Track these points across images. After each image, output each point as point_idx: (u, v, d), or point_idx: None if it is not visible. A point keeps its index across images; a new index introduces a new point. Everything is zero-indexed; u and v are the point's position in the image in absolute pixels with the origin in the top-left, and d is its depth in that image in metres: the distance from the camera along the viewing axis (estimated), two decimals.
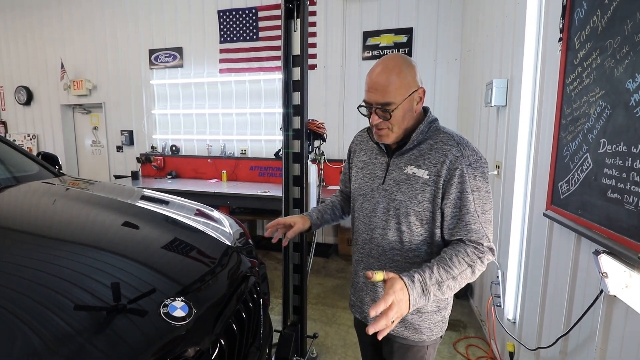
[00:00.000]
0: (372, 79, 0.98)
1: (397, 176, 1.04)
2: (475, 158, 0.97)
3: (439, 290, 0.89)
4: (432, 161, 0.99)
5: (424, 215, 1.00)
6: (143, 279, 0.94)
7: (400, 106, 0.98)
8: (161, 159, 4.84)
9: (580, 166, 1.26)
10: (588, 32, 1.25)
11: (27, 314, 0.71)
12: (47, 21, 5.36)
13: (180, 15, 4.66)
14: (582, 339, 1.31)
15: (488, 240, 0.97)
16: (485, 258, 0.96)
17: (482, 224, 0.96)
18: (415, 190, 1.00)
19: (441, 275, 0.90)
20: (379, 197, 1.07)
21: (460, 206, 0.96)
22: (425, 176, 0.99)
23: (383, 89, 0.96)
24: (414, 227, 1.02)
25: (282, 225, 1.18)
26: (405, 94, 0.97)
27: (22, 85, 5.66)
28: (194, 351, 0.82)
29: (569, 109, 1.37)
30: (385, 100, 0.97)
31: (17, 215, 1.23)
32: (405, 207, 1.01)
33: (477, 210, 0.96)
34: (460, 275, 0.92)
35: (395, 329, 1.09)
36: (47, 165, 1.84)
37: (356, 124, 4.09)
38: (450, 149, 0.97)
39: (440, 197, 0.98)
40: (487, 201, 0.98)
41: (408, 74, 0.98)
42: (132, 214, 1.39)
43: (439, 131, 1.03)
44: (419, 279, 0.88)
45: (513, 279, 2.04)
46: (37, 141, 5.79)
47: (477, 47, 3.03)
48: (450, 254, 0.94)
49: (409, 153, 1.04)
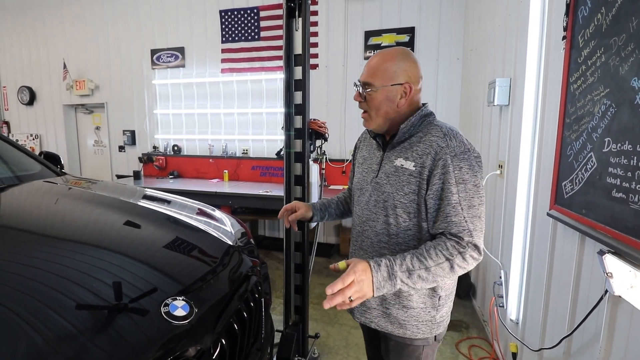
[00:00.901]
0: (370, 60, 1.05)
1: (388, 169, 1.05)
2: (463, 150, 0.94)
3: (409, 279, 0.88)
4: (419, 152, 0.99)
5: (410, 208, 1.00)
6: (144, 278, 0.94)
7: (378, 91, 1.01)
8: (163, 158, 4.84)
9: (585, 165, 1.25)
10: (592, 30, 1.24)
11: (29, 313, 0.71)
12: (49, 22, 5.37)
13: (182, 15, 4.66)
14: (586, 340, 1.30)
15: (470, 235, 0.92)
16: (468, 254, 0.91)
17: (466, 217, 0.92)
18: (402, 182, 1.00)
19: (413, 264, 0.89)
20: (371, 190, 1.09)
21: (442, 197, 0.94)
22: (412, 167, 0.99)
23: (371, 70, 1.02)
24: (400, 220, 1.02)
25: (288, 210, 1.27)
26: (386, 82, 1.00)
27: (25, 85, 5.68)
28: (195, 350, 0.82)
29: (573, 107, 1.36)
30: (367, 79, 1.03)
31: (20, 214, 1.23)
32: (393, 199, 1.02)
33: (462, 203, 0.93)
34: (436, 267, 0.89)
35: (380, 323, 1.10)
36: (49, 165, 1.84)
37: (358, 123, 4.08)
38: (436, 139, 0.97)
39: (425, 188, 0.97)
40: (476, 195, 0.94)
41: (399, 66, 1.00)
42: (134, 213, 1.39)
43: (431, 124, 1.03)
44: (387, 263, 0.88)
45: (516, 279, 2.03)
46: (39, 141, 5.81)
47: (480, 46, 3.02)
48: (429, 246, 0.92)
49: (400, 146, 1.05)
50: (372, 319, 1.12)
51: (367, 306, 1.11)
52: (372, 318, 1.11)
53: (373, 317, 1.11)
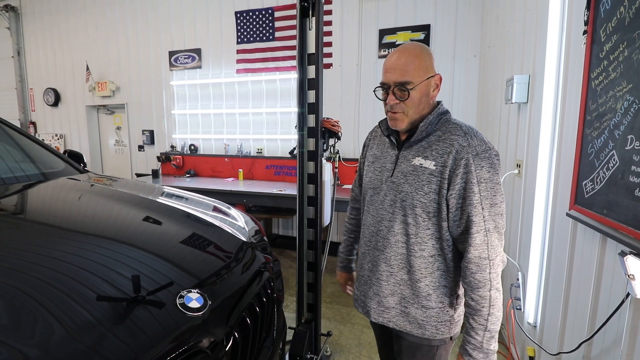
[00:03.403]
0: (391, 61, 1.00)
1: (405, 168, 1.03)
2: (484, 148, 0.95)
3: (492, 338, 0.97)
4: (439, 152, 0.97)
5: (430, 207, 0.99)
6: (161, 271, 0.97)
7: (418, 87, 0.98)
8: (180, 157, 4.96)
9: (606, 164, 1.21)
10: (615, 23, 1.19)
11: (53, 303, 0.75)
12: (74, 27, 5.59)
13: (198, 17, 4.76)
14: (607, 344, 1.26)
15: (486, 250, 0.95)
16: (497, 272, 0.97)
17: (486, 217, 0.94)
18: (421, 181, 0.99)
19: (482, 324, 0.97)
20: (387, 190, 1.07)
21: (464, 197, 0.94)
22: (432, 167, 0.98)
23: (402, 68, 0.97)
24: (420, 220, 1.01)
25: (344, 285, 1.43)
26: (423, 76, 0.98)
27: (50, 87, 5.93)
28: (208, 342, 0.84)
29: (594, 104, 1.32)
30: (405, 79, 0.97)
31: (45, 210, 1.29)
32: (412, 199, 1.00)
33: (483, 202, 0.93)
34: (491, 308, 0.96)
35: (398, 322, 1.09)
36: (72, 163, 1.92)
37: (372, 122, 4.06)
38: (457, 138, 0.96)
39: (446, 188, 0.96)
40: (497, 193, 0.95)
41: (427, 58, 0.99)
42: (152, 210, 1.43)
43: (449, 122, 1.02)
44: (474, 345, 0.97)
45: (534, 281, 1.98)
46: (64, 140, 6.05)
47: (498, 42, 2.95)
48: (469, 298, 0.99)
49: (417, 145, 1.03)
50: (390, 318, 1.10)
51: (386, 306, 1.10)
52: (390, 317, 1.10)
53: (391, 316, 1.10)
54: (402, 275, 1.06)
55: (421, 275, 1.03)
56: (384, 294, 1.09)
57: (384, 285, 1.09)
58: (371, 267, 1.13)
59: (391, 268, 1.07)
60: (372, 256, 1.12)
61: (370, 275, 1.14)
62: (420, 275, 1.03)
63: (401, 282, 1.06)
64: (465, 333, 1.01)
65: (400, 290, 1.07)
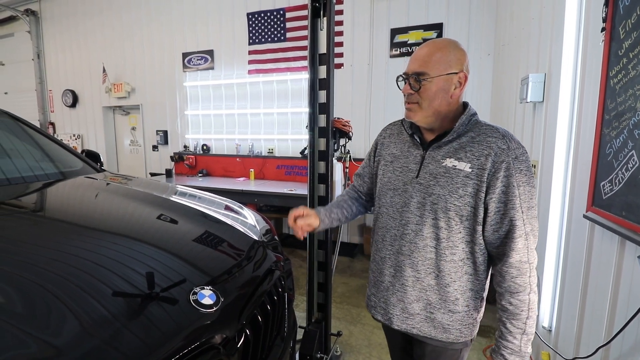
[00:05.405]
0: (416, 51, 1.00)
1: (434, 169, 0.99)
2: (522, 152, 0.94)
3: (529, 341, 0.96)
4: (475, 154, 0.94)
5: (464, 211, 0.96)
6: (175, 268, 0.99)
7: (434, 80, 0.95)
8: (193, 157, 5.03)
9: (625, 164, 1.18)
10: (634, 20, 1.16)
11: (70, 298, 0.77)
12: (91, 30, 5.74)
13: (211, 19, 4.82)
14: (625, 350, 1.22)
15: (527, 254, 0.94)
16: (534, 276, 0.95)
17: (525, 220, 0.93)
18: (455, 184, 0.96)
19: (520, 327, 0.96)
20: (412, 191, 1.02)
21: (505, 201, 0.93)
22: (467, 169, 0.94)
23: (422, 59, 0.97)
24: (452, 223, 0.97)
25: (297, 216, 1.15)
26: (442, 71, 0.95)
27: (68, 89, 6.10)
28: (220, 338, 0.86)
29: (613, 103, 1.28)
30: (420, 69, 0.96)
31: (64, 207, 1.33)
32: (445, 202, 0.97)
33: (523, 205, 0.92)
34: (528, 319, 0.95)
35: (422, 329, 1.06)
36: (90, 162, 1.98)
37: (383, 122, 4.02)
38: (495, 141, 0.94)
39: (484, 191, 0.93)
40: (533, 197, 0.94)
41: (453, 54, 0.96)
42: (166, 208, 1.46)
43: (479, 124, 1.00)
44: (512, 349, 0.96)
45: (549, 285, 1.94)
46: (81, 140, 6.22)
47: (512, 40, 2.90)
48: (507, 302, 0.97)
49: (447, 145, 1.00)
50: (414, 324, 1.06)
51: (410, 312, 1.06)
52: (414, 324, 1.06)
53: (415, 322, 1.06)
54: (430, 280, 1.02)
55: (450, 279, 1.00)
56: (409, 300, 1.05)
57: (409, 292, 1.05)
58: (394, 272, 1.08)
59: (418, 273, 1.03)
60: (396, 261, 1.07)
61: (393, 281, 1.09)
62: (450, 279, 1.00)
63: (428, 287, 1.03)
64: (500, 338, 0.98)
65: (427, 297, 1.03)
